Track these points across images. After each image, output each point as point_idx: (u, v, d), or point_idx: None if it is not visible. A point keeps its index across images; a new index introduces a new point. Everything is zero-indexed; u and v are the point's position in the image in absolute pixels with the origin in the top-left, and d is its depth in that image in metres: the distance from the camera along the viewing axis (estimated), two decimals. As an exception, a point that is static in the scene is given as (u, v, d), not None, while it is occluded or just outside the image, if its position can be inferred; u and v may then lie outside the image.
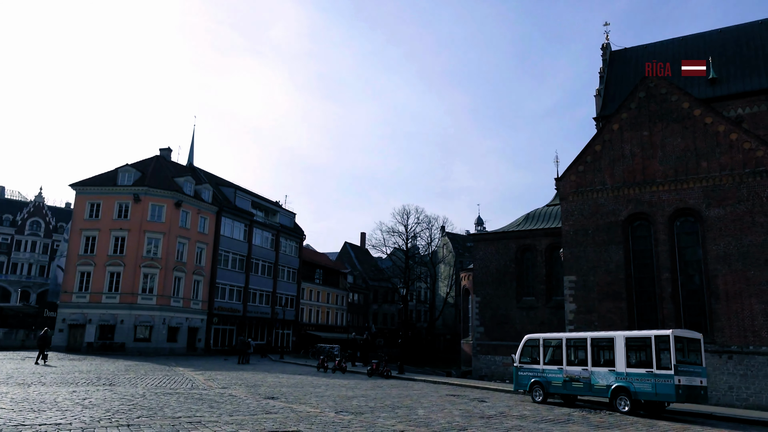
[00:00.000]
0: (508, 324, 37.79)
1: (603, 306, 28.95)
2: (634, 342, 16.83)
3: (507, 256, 38.91)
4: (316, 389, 20.91)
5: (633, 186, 29.21)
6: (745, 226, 26.06)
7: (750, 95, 34.10)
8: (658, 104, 29.29)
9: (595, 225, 29.91)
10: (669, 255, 27.96)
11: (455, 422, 13.34)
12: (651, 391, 15.82)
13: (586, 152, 31.04)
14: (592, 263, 29.62)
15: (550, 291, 37.08)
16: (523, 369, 19.87)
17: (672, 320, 27.20)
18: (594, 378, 17.40)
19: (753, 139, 26.84)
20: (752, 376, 24.89)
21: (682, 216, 28.14)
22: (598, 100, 39.28)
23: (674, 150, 28.39)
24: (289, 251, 61.30)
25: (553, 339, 19.57)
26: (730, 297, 25.89)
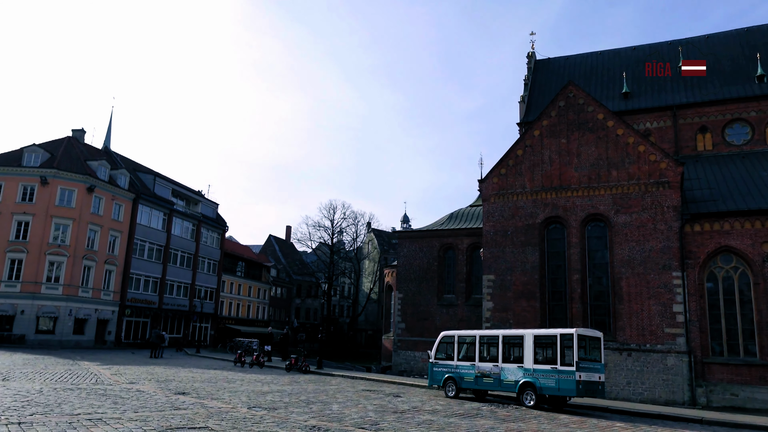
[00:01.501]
0: (429, 320, 38.52)
1: (518, 305, 30.12)
2: (542, 340, 17.64)
3: (430, 254, 39.63)
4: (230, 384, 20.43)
5: (550, 190, 30.55)
6: (647, 233, 27.93)
7: (658, 110, 36.55)
8: (575, 114, 30.78)
9: (514, 226, 31.04)
10: (580, 257, 29.50)
11: (368, 417, 13.44)
12: (554, 387, 16.66)
13: (509, 156, 32.13)
14: (509, 263, 30.72)
15: (469, 289, 38.12)
16: (438, 365, 20.35)
17: (580, 319, 28.73)
18: (504, 374, 18.10)
19: (658, 151, 28.79)
20: (647, 372, 26.75)
21: (593, 221, 29.75)
22: (522, 106, 40.77)
23: (589, 158, 29.96)
24: (211, 242, 59.53)
25: (468, 336, 20.15)
26: (632, 298, 27.68)
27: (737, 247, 26.61)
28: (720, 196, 28.64)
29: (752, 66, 36.00)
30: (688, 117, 35.80)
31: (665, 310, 26.90)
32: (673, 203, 27.65)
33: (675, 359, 26.29)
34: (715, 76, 37.11)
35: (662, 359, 26.56)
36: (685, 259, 27.04)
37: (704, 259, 27.04)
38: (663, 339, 26.70)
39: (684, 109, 35.90)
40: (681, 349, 26.23)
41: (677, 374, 26.12)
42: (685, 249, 27.19)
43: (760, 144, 33.81)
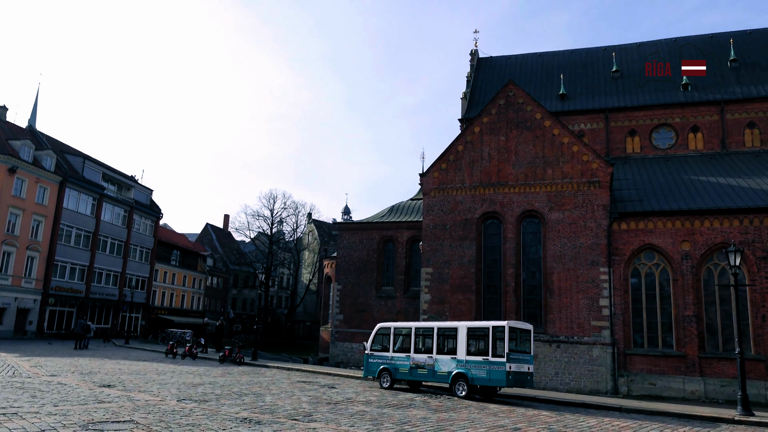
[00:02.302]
0: (367, 312, 38.72)
1: (455, 297, 30.72)
2: (475, 332, 18.08)
3: (370, 246, 39.79)
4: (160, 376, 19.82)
5: (489, 186, 31.25)
6: (578, 230, 29.09)
7: (592, 113, 38.05)
8: (515, 112, 31.57)
9: (453, 221, 31.58)
10: (515, 252, 30.39)
11: (301, 408, 13.37)
12: (486, 377, 17.13)
13: (450, 151, 32.61)
14: (447, 257, 31.26)
15: (408, 282, 38.56)
16: (374, 356, 20.50)
17: (513, 312, 29.63)
18: (438, 365, 18.45)
19: (590, 152, 29.99)
20: (574, 363, 27.94)
21: (528, 217, 30.68)
22: (464, 103, 41.44)
23: (526, 156, 30.84)
24: (144, 230, 57.31)
25: (404, 328, 20.39)
26: (562, 292, 28.79)
27: (659, 245, 28.14)
28: (645, 197, 30.17)
29: (677, 74, 38.01)
30: (619, 120, 37.46)
31: (592, 303, 28.14)
32: (603, 202, 28.90)
33: (600, 351, 27.58)
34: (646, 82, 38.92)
35: (588, 351, 27.80)
36: (612, 256, 28.35)
37: (629, 255, 28.44)
38: (590, 331, 27.93)
39: (615, 113, 37.53)
40: (606, 341, 27.53)
41: (602, 365, 27.42)
42: (612, 246, 28.51)
43: (682, 148, 35.84)
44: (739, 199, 28.08)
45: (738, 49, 38.51)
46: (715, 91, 36.47)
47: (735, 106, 35.48)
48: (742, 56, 38.28)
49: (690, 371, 26.51)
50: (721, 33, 40.87)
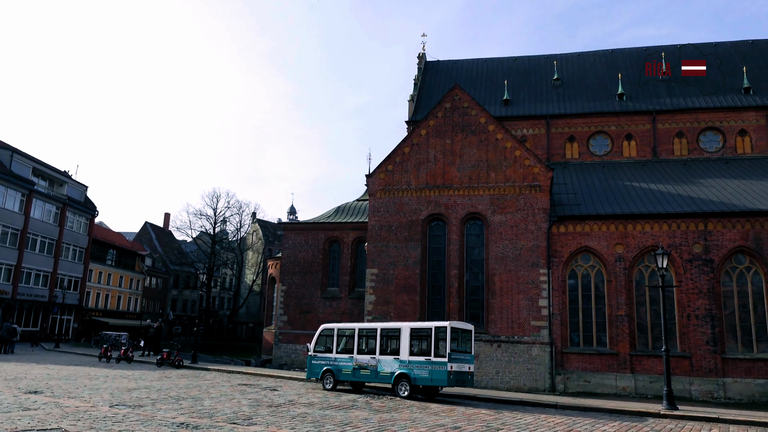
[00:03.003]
0: (312, 313, 38.42)
1: (399, 298, 30.93)
2: (417, 332, 18.26)
3: (315, 247, 39.49)
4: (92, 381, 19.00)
5: (434, 189, 31.66)
6: (519, 232, 29.89)
7: (534, 118, 39.21)
8: (460, 116, 32.14)
9: (398, 222, 31.79)
10: (459, 254, 30.91)
11: (241, 411, 13.12)
12: (428, 377, 17.33)
13: (396, 153, 32.83)
14: (393, 258, 31.44)
15: (353, 282, 38.51)
16: (317, 358, 20.38)
17: (457, 313, 30.13)
18: (380, 366, 18.52)
19: (532, 157, 30.89)
20: (514, 362, 28.68)
21: (472, 219, 31.26)
22: (411, 105, 41.83)
23: (470, 159, 31.43)
24: (77, 228, 54.75)
25: (347, 329, 20.36)
26: (504, 293, 29.51)
27: (595, 248, 29.30)
28: (583, 201, 31.34)
29: (614, 84, 39.78)
30: (560, 127, 38.77)
31: (532, 304, 28.98)
32: (543, 206, 29.82)
33: (539, 350, 28.43)
34: (584, 91, 40.54)
35: (528, 350, 28.60)
36: (551, 258, 29.29)
37: (567, 257, 29.47)
38: (529, 331, 28.74)
39: (556, 119, 38.83)
40: (544, 340, 28.40)
41: (540, 363, 28.27)
42: (552, 248, 29.45)
43: (617, 155, 37.46)
44: (668, 204, 29.61)
45: (669, 62, 40.57)
46: (647, 102, 38.33)
47: (665, 116, 37.40)
48: (673, 69, 40.36)
49: (622, 368, 27.72)
50: (654, 46, 42.99)
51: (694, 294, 27.68)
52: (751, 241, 27.68)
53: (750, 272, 27.92)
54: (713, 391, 26.51)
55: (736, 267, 28.11)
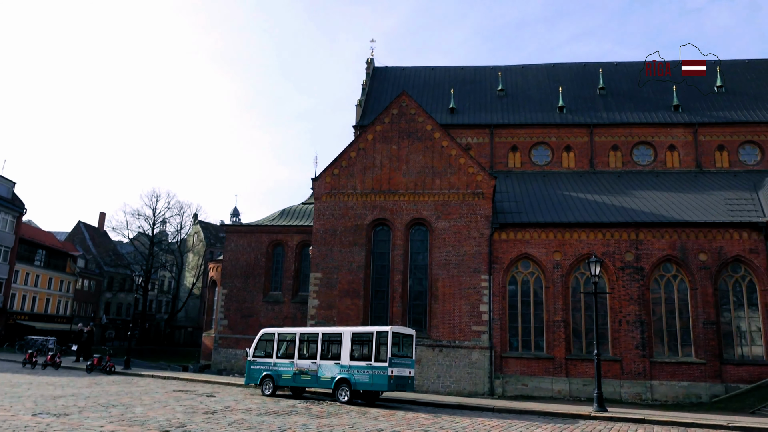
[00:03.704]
0: (254, 317, 37.73)
1: (343, 303, 30.81)
2: (359, 337, 18.24)
3: (259, 250, 38.86)
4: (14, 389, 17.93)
5: (379, 194, 31.79)
6: (462, 239, 30.40)
7: (478, 127, 40.03)
8: (407, 123, 32.43)
9: (343, 226, 31.72)
10: (403, 259, 31.12)
11: (175, 419, 12.70)
12: (368, 382, 17.33)
13: (342, 157, 32.77)
14: (337, 262, 31.32)
15: (296, 287, 38.09)
16: (256, 363, 20.02)
17: (400, 318, 30.28)
18: (321, 371, 18.39)
19: (476, 165, 31.52)
20: (455, 366, 29.09)
21: (417, 225, 31.55)
22: (358, 110, 41.88)
23: (416, 165, 31.76)
24: (2, 226, 51.62)
25: (288, 333, 20.12)
26: (446, 298, 29.91)
27: (534, 255, 30.16)
28: (524, 209, 32.22)
29: (555, 97, 41.19)
30: (503, 136, 39.76)
31: (473, 309, 29.50)
32: (486, 213, 30.47)
33: (479, 354, 28.96)
34: (527, 102, 41.76)
35: (468, 354, 29.08)
36: (492, 264, 29.94)
37: (508, 264, 30.20)
38: (470, 336, 29.24)
39: (500, 129, 39.80)
40: (484, 345, 28.96)
41: (480, 368, 28.80)
42: (493, 255, 30.12)
43: (557, 166, 38.75)
44: (603, 214, 30.86)
45: (606, 79, 42.45)
46: (585, 116, 39.88)
47: (602, 129, 39.02)
48: (609, 85, 42.25)
49: (557, 372, 28.61)
50: (593, 62, 44.84)
51: (625, 300, 28.93)
52: (678, 251, 29.22)
53: (677, 280, 29.45)
54: (641, 393, 27.75)
55: (664, 275, 29.59)
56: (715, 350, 28.01)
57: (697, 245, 29.18)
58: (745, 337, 28.67)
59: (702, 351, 28.14)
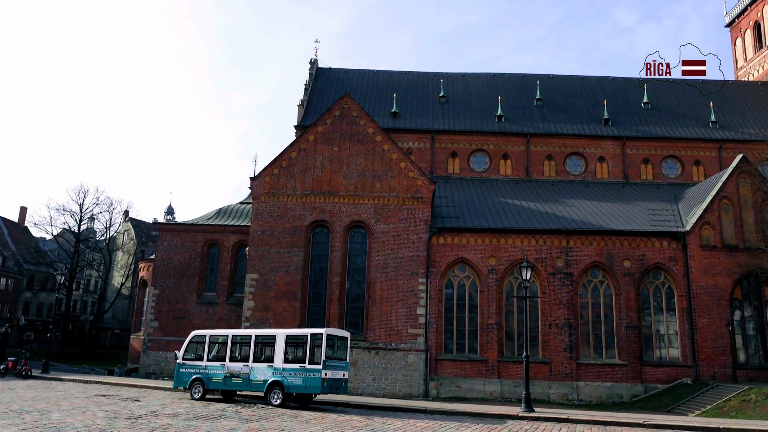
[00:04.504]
0: (186, 319, 36.57)
1: (279, 305, 30.39)
2: (293, 339, 18.02)
3: (193, 250, 37.72)
4: None
5: (319, 195, 31.60)
6: (401, 242, 30.65)
7: (420, 132, 40.51)
8: (349, 125, 32.41)
9: (282, 227, 31.30)
10: (342, 261, 31.03)
11: (95, 425, 12.09)
12: (301, 385, 17.14)
13: (283, 157, 32.36)
14: (274, 263, 30.87)
15: (232, 288, 37.22)
16: (186, 366, 19.40)
17: (337, 320, 30.15)
18: (253, 373, 18.02)
19: (416, 169, 31.87)
20: (391, 368, 29.25)
21: (356, 227, 31.56)
22: (300, 110, 41.47)
23: (357, 168, 31.78)
24: None
25: (220, 335, 19.63)
26: (383, 301, 30.04)
27: (470, 260, 30.79)
28: (462, 215, 32.84)
29: (494, 106, 42.29)
30: (444, 142, 40.42)
31: (410, 312, 29.79)
32: (425, 217, 30.86)
33: (415, 357, 29.25)
34: (467, 110, 42.64)
35: (404, 357, 29.32)
36: (429, 268, 30.34)
37: (445, 268, 30.69)
38: (406, 339, 29.49)
39: (441, 135, 40.43)
40: (420, 347, 29.28)
41: (415, 370, 29.08)
42: (431, 258, 30.53)
43: (495, 173, 39.76)
44: (537, 221, 31.91)
45: (543, 90, 43.98)
46: (522, 125, 41.15)
47: (538, 139, 40.37)
48: (546, 96, 43.78)
49: (490, 374, 29.30)
50: (531, 74, 46.36)
51: (555, 304, 30.00)
52: (604, 258, 30.60)
53: (603, 285, 30.84)
54: (568, 394, 28.84)
55: (591, 280, 30.91)
56: (637, 352, 29.51)
57: (622, 253, 30.66)
58: (663, 340, 30.35)
59: (624, 353, 29.57)
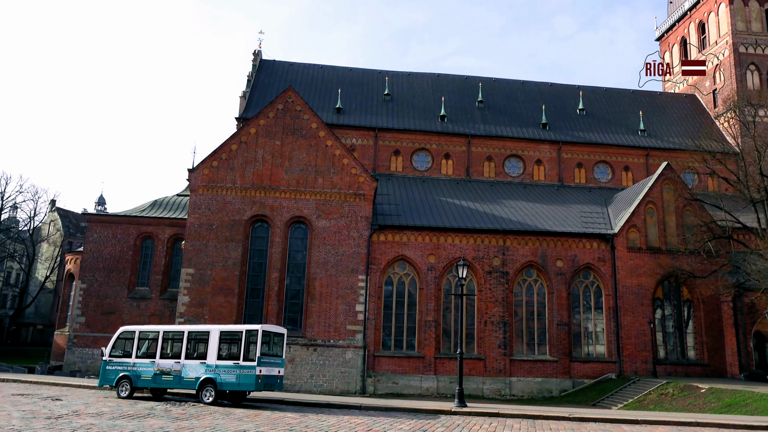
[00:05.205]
0: (116, 315, 35.12)
1: (216, 300, 29.71)
2: (228, 336, 17.65)
3: (126, 242, 36.24)
4: None
5: (260, 189, 31.07)
6: (342, 238, 30.58)
7: (364, 129, 40.49)
8: (292, 119, 32.01)
9: (220, 221, 30.58)
10: (281, 257, 30.65)
11: (10, 426, 11.41)
12: (235, 382, 16.81)
13: (223, 149, 31.61)
14: (211, 258, 30.13)
15: (166, 282, 36.06)
16: (113, 363, 18.63)
17: (275, 316, 29.80)
18: (185, 371, 17.53)
19: (359, 166, 31.86)
20: (329, 365, 29.18)
21: (297, 223, 31.25)
22: (242, 102, 40.58)
23: (299, 163, 31.44)
24: None
25: (151, 332, 18.97)
26: (323, 298, 29.91)
27: (410, 257, 31.11)
28: (403, 212, 33.10)
29: (438, 106, 42.83)
30: (387, 140, 40.57)
31: (349, 309, 29.78)
32: (366, 214, 30.91)
33: (353, 353, 29.29)
34: (411, 108, 42.95)
35: (342, 353, 29.30)
36: (370, 264, 30.44)
37: (385, 265, 30.87)
38: (345, 335, 29.48)
39: (384, 132, 40.56)
40: (359, 344, 29.34)
41: (353, 367, 29.13)
42: (371, 255, 30.64)
43: (437, 172, 40.29)
44: (476, 221, 32.59)
45: (485, 93, 44.89)
46: (464, 126, 41.88)
47: (478, 140, 41.20)
48: (487, 99, 44.72)
49: (427, 370, 29.73)
50: (474, 76, 47.20)
51: (491, 302, 30.75)
52: (539, 257, 31.62)
53: (537, 284, 31.87)
54: (501, 389, 29.68)
55: (526, 279, 31.90)
56: (566, 349, 30.70)
57: (555, 253, 31.78)
58: (591, 337, 31.72)
59: (555, 350, 30.70)
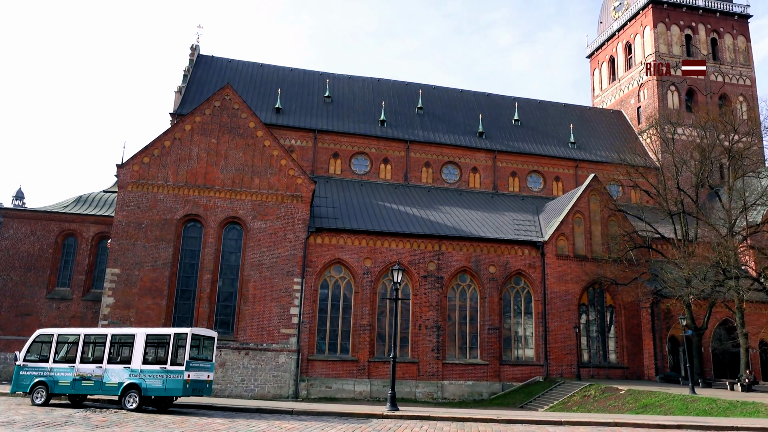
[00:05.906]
0: (33, 316, 33.12)
1: (143, 302, 28.58)
2: (155, 339, 17.00)
3: (45, 240, 34.26)
4: None
5: (193, 188, 30.18)
6: (278, 240, 30.16)
7: (303, 131, 40.16)
8: (229, 117, 31.31)
9: (150, 219, 29.48)
10: (214, 258, 29.87)
11: None
12: (161, 387, 16.21)
13: (155, 145, 30.51)
14: (140, 258, 28.98)
15: (89, 283, 34.34)
16: (27, 368, 17.52)
17: (206, 319, 28.99)
18: (107, 376, 16.74)
19: (297, 167, 31.55)
20: (261, 369, 28.65)
21: (231, 223, 30.54)
22: (177, 97, 39.30)
23: (235, 162, 30.78)
24: None
25: (70, 335, 17.99)
26: (257, 300, 29.35)
27: (347, 261, 31.07)
28: (341, 216, 33.03)
29: (378, 110, 43.08)
30: (327, 142, 40.43)
31: (284, 312, 29.39)
32: (303, 216, 30.63)
33: (286, 357, 28.89)
34: (351, 112, 42.98)
35: (275, 357, 28.86)
36: (306, 267, 30.16)
37: (321, 268, 30.68)
38: (278, 339, 29.05)
39: (324, 135, 40.39)
40: (292, 348, 28.98)
41: (286, 371, 28.73)
42: (308, 258, 30.37)
43: (375, 176, 40.51)
44: (412, 226, 32.97)
45: (424, 100, 45.58)
46: (404, 132, 42.34)
47: (417, 146, 41.76)
48: (427, 106, 45.41)
49: (360, 374, 29.74)
50: (414, 83, 47.83)
51: (426, 306, 31.17)
52: (473, 263, 32.36)
53: (470, 289, 32.60)
54: (434, 393, 30.11)
55: (460, 284, 32.55)
56: (497, 353, 31.54)
57: (488, 259, 32.62)
58: (521, 341, 32.75)
59: (486, 353, 31.47)
